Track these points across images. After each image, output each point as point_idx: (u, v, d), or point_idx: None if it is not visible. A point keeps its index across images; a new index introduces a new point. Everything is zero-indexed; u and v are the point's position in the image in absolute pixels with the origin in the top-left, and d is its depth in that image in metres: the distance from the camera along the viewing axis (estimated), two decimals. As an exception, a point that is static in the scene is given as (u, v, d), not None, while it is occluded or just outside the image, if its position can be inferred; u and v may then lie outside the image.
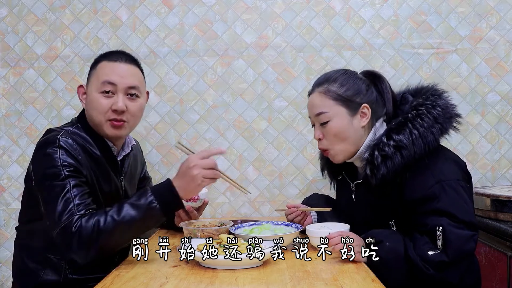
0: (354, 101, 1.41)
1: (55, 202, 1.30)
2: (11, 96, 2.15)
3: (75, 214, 1.28)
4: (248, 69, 2.13)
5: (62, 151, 1.36)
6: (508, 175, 2.09)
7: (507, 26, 2.09)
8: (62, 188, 1.32)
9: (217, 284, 1.11)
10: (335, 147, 1.42)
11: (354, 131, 1.41)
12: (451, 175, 1.32)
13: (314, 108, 1.44)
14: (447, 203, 1.27)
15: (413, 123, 1.33)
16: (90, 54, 2.14)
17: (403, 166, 1.31)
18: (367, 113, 1.41)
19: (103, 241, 1.28)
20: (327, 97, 1.41)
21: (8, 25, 2.15)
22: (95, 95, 1.46)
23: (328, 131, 1.41)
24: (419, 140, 1.31)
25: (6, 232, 2.12)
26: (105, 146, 1.50)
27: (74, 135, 1.44)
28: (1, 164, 2.15)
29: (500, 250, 1.68)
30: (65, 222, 1.27)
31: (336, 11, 2.12)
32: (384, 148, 1.32)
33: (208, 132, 2.14)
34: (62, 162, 1.34)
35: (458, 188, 1.30)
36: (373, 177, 1.33)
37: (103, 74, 1.46)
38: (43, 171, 1.36)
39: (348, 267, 1.23)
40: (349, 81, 1.42)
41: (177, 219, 1.67)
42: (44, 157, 1.36)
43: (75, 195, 1.31)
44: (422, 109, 1.35)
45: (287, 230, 1.51)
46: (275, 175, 2.14)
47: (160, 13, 2.14)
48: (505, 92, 2.09)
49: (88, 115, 1.50)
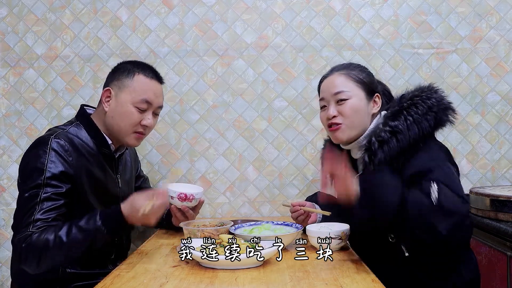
0: (372, 88, 1.50)
1: (21, 209, 1.36)
2: (11, 96, 2.15)
3: (29, 230, 1.31)
4: (248, 69, 2.13)
5: (52, 153, 1.38)
6: (508, 175, 2.09)
7: (507, 26, 2.09)
8: (32, 196, 1.34)
9: (217, 284, 1.11)
10: (348, 123, 1.46)
11: (366, 115, 1.48)
12: (445, 158, 1.37)
13: (334, 87, 1.48)
14: (442, 176, 1.29)
15: (408, 110, 1.39)
16: (90, 54, 2.14)
17: (399, 151, 1.35)
18: (378, 102, 1.51)
19: (50, 260, 1.32)
20: (349, 78, 1.49)
21: (8, 25, 2.15)
22: (130, 108, 1.50)
23: (346, 108, 1.46)
24: (413, 126, 1.36)
25: (6, 232, 2.12)
26: (104, 143, 1.54)
27: (71, 134, 1.47)
28: (1, 164, 2.15)
29: (500, 250, 1.68)
30: (19, 235, 1.31)
31: (336, 11, 2.12)
32: (381, 134, 1.38)
33: (208, 132, 2.14)
34: (48, 167, 1.36)
35: (451, 170, 1.34)
36: (371, 163, 1.37)
37: (142, 92, 1.51)
38: (25, 171, 1.39)
39: (348, 267, 1.23)
40: (367, 71, 1.54)
41: (174, 219, 1.67)
42: (32, 157, 1.39)
43: (40, 209, 1.33)
44: (417, 99, 1.41)
45: (287, 230, 1.51)
46: (275, 175, 2.14)
47: (160, 13, 2.14)
48: (505, 92, 2.09)
49: (110, 121, 1.52)
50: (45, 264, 1.32)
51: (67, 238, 1.30)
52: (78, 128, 1.51)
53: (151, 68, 1.59)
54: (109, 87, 1.53)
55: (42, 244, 1.29)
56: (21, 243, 1.30)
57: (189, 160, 2.14)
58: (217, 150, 2.14)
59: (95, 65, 2.14)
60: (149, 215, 1.31)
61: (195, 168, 2.14)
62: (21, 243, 1.30)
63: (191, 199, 1.61)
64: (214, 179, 2.14)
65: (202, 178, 2.13)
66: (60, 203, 1.36)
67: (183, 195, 1.59)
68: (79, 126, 1.52)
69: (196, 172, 2.14)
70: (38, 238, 1.29)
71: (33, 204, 1.33)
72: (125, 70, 1.54)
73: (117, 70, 1.56)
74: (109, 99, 1.53)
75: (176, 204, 1.61)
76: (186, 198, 1.60)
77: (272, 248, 1.22)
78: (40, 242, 1.29)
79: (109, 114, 1.52)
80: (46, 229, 1.31)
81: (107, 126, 1.54)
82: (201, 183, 2.12)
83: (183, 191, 1.60)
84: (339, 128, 1.47)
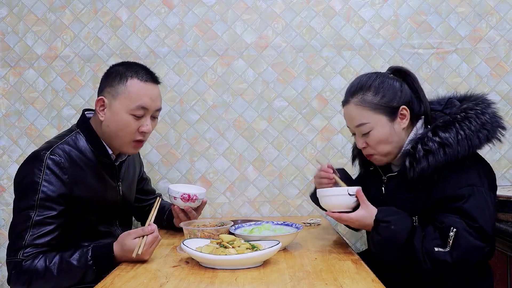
0: (392, 106, 1.39)
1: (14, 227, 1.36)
2: (11, 96, 2.15)
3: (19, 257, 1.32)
4: (248, 69, 2.13)
5: (47, 171, 1.36)
6: (508, 175, 2.09)
7: (507, 26, 2.09)
8: (25, 217, 1.34)
9: (217, 284, 1.11)
10: (379, 152, 1.42)
11: (396, 135, 1.41)
12: (484, 183, 1.32)
13: (353, 120, 1.42)
14: (472, 206, 1.27)
15: (460, 124, 1.32)
16: (90, 54, 2.14)
17: (443, 164, 1.31)
18: (406, 114, 1.41)
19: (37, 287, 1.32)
20: (365, 108, 1.39)
21: (8, 25, 2.15)
22: (125, 116, 1.44)
23: (372, 140, 1.41)
24: (464, 142, 1.30)
25: (6, 232, 2.12)
26: (104, 153, 1.51)
27: (69, 146, 1.44)
28: (1, 164, 2.15)
29: (500, 250, 1.68)
30: (10, 259, 1.33)
31: (336, 11, 2.12)
32: (428, 143, 1.32)
33: (208, 132, 2.14)
34: (42, 187, 1.35)
35: (487, 197, 1.30)
36: (412, 170, 1.33)
37: (137, 98, 1.43)
38: (19, 186, 1.39)
39: (348, 267, 1.23)
40: (383, 86, 1.40)
41: (176, 220, 1.67)
42: (27, 173, 1.38)
43: (32, 234, 1.33)
44: (471, 112, 1.34)
45: (287, 230, 1.51)
46: (275, 175, 2.14)
47: (160, 13, 2.14)
48: (505, 92, 2.09)
49: (107, 130, 1.47)
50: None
51: (57, 272, 1.31)
52: (78, 138, 1.47)
53: (145, 69, 1.50)
54: (102, 95, 1.46)
55: (31, 273, 1.30)
56: (11, 269, 1.32)
57: (189, 160, 2.14)
58: (217, 150, 2.14)
59: (95, 65, 2.14)
60: (143, 254, 1.30)
61: (195, 168, 2.14)
62: (11, 269, 1.32)
63: (194, 200, 1.61)
64: (214, 179, 2.14)
65: (202, 178, 2.13)
66: (53, 227, 1.36)
67: (186, 195, 1.59)
68: (79, 135, 1.48)
69: (196, 172, 2.14)
70: (29, 267, 1.30)
71: (24, 227, 1.33)
72: (117, 75, 1.46)
73: (109, 75, 1.48)
74: (103, 108, 1.46)
75: (179, 204, 1.61)
76: (189, 199, 1.60)
77: (272, 248, 1.22)
78: (29, 271, 1.30)
79: (105, 124, 1.47)
80: (36, 256, 1.32)
81: (104, 135, 1.49)
82: (201, 183, 2.12)
83: (186, 191, 1.60)
84: (373, 157, 1.45)
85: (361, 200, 1.37)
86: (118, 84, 1.45)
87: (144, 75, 1.47)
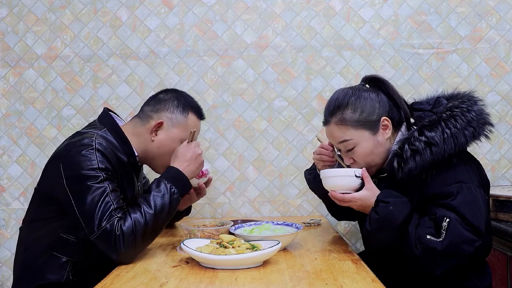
0: (372, 120, 1.39)
1: (95, 205, 1.33)
2: (11, 96, 2.15)
3: (115, 217, 1.32)
4: (248, 69, 2.13)
5: (99, 154, 1.38)
6: (508, 175, 2.09)
7: (507, 26, 2.09)
8: (102, 191, 1.34)
9: (217, 284, 1.11)
10: (367, 163, 1.42)
11: (381, 146, 1.41)
12: (473, 180, 1.32)
13: (336, 139, 1.43)
14: (461, 203, 1.27)
15: (446, 122, 1.33)
16: (90, 54, 2.14)
17: (431, 163, 1.31)
18: (388, 125, 1.41)
19: (145, 237, 1.35)
20: (346, 126, 1.39)
21: (8, 25, 2.15)
22: (177, 144, 1.54)
23: (357, 155, 1.41)
24: (450, 140, 1.31)
25: (6, 232, 2.13)
26: (131, 153, 1.53)
27: (104, 139, 1.46)
28: (1, 164, 2.15)
29: (500, 250, 1.68)
30: (106, 226, 1.30)
31: (336, 11, 2.12)
32: (415, 143, 1.32)
33: (208, 132, 2.14)
34: (100, 165, 1.37)
35: (476, 193, 1.30)
36: (400, 170, 1.34)
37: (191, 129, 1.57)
38: (79, 172, 1.36)
39: (348, 267, 1.23)
40: (361, 101, 1.40)
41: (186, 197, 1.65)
42: (82, 158, 1.37)
43: (114, 199, 1.34)
44: (457, 111, 1.34)
45: (287, 230, 1.51)
46: (275, 175, 2.14)
47: (160, 13, 2.14)
48: (505, 92, 2.09)
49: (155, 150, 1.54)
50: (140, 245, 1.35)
51: (151, 208, 1.35)
52: (107, 135, 1.49)
53: (200, 108, 1.63)
54: (162, 119, 1.53)
55: (133, 225, 1.32)
56: (113, 231, 1.30)
57: (189, 160, 2.14)
58: (217, 150, 2.14)
59: (95, 65, 2.14)
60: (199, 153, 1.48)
61: (195, 168, 2.14)
62: (113, 232, 1.30)
63: (206, 174, 1.67)
64: (214, 179, 2.13)
65: (202, 178, 2.13)
66: (121, 195, 1.40)
67: (200, 172, 1.60)
68: (106, 133, 1.49)
69: (196, 172, 2.14)
70: (126, 221, 1.32)
71: (105, 197, 1.33)
72: (179, 105, 1.56)
73: (168, 102, 1.56)
74: (159, 130, 1.54)
75: (193, 183, 1.60)
76: (202, 174, 1.64)
77: (272, 248, 1.22)
78: (130, 224, 1.31)
79: (155, 145, 1.54)
80: (127, 213, 1.34)
81: (147, 151, 1.54)
82: (201, 183, 2.12)
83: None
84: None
85: (366, 181, 1.37)
86: (180, 114, 1.56)
87: (199, 114, 1.62)
